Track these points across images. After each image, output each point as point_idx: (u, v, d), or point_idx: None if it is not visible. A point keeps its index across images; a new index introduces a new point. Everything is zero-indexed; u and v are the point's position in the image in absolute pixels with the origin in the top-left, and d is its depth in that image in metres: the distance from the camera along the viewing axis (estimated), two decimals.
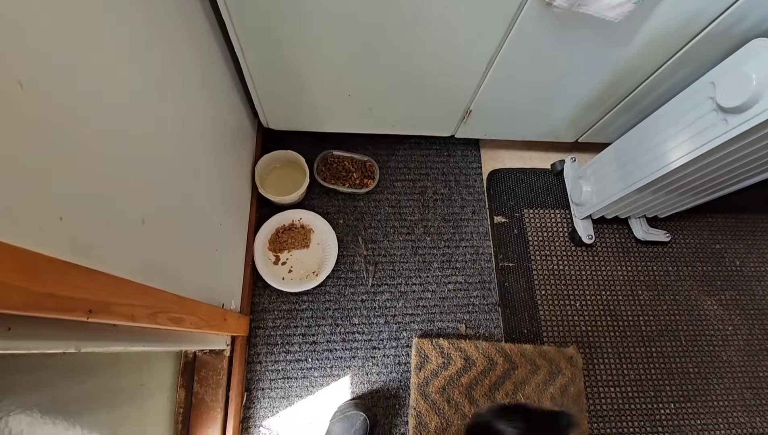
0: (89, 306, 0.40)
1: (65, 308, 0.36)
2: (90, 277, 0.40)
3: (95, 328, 0.46)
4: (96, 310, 0.40)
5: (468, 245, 1.20)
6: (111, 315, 0.43)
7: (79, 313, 0.38)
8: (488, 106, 1.03)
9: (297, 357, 1.04)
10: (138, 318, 0.49)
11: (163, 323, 0.56)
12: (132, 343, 0.54)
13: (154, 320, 0.53)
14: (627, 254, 1.25)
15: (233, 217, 0.98)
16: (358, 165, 1.21)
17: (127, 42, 0.50)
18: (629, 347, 1.16)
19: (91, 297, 0.40)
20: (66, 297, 0.36)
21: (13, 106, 0.32)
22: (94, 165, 0.43)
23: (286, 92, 0.96)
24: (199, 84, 0.76)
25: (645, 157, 0.94)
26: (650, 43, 0.83)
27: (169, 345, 0.66)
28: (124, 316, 0.46)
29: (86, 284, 0.39)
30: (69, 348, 0.41)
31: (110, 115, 0.46)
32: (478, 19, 0.76)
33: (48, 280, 0.34)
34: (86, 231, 0.41)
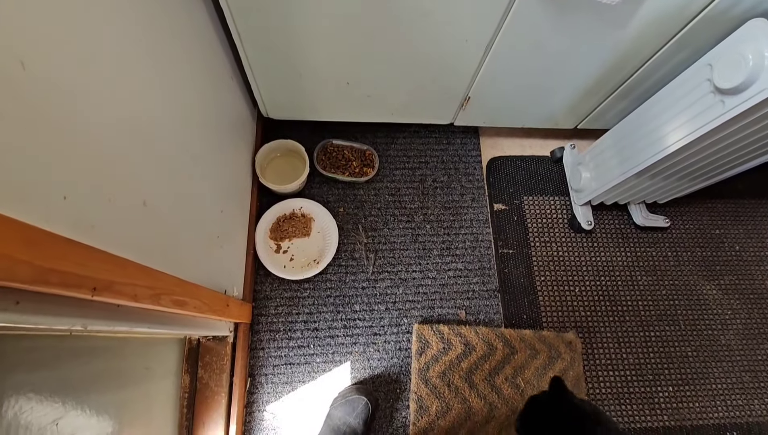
0: (93, 283, 0.41)
1: (70, 284, 0.37)
2: (93, 256, 0.41)
3: (100, 307, 0.47)
4: (100, 288, 0.42)
5: (468, 232, 1.21)
6: (114, 294, 0.44)
7: (83, 290, 0.39)
8: (486, 93, 1.04)
9: (299, 343, 1.06)
10: (141, 298, 0.50)
11: (166, 305, 0.57)
12: (137, 324, 0.55)
13: (157, 302, 0.54)
14: (626, 240, 1.25)
15: (234, 206, 0.99)
16: (358, 154, 1.22)
17: (130, 31, 0.51)
18: (628, 332, 1.17)
19: (94, 275, 0.41)
20: (70, 273, 0.37)
21: (17, 87, 0.33)
22: (97, 147, 0.44)
23: (284, 80, 0.97)
24: (199, 72, 0.76)
25: (643, 142, 0.94)
26: (648, 26, 0.83)
27: (173, 328, 0.67)
28: (128, 296, 0.47)
29: (89, 262, 0.40)
30: (75, 325, 0.42)
31: (114, 99, 0.47)
32: (474, 4, 0.76)
33: (52, 255, 0.35)
34: (89, 211, 0.42)
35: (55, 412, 0.52)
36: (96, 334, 0.58)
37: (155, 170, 0.58)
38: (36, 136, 0.35)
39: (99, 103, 0.44)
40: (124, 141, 0.50)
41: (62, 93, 0.38)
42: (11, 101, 0.32)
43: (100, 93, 0.45)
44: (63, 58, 0.39)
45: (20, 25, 0.33)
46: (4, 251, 0.30)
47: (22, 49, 0.33)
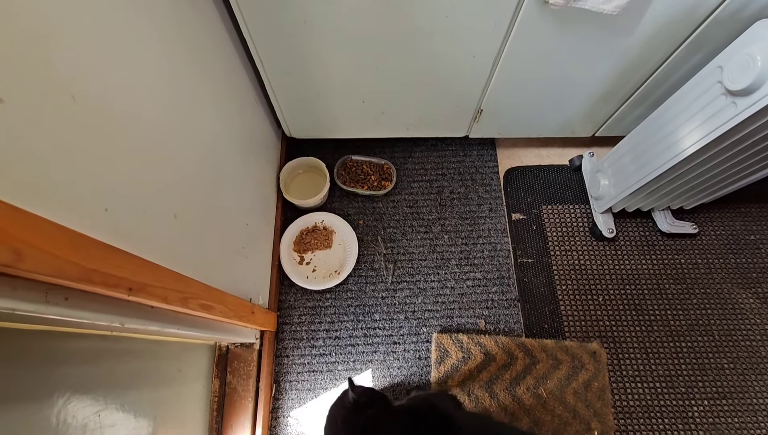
0: (129, 284, 0.46)
1: (109, 284, 0.43)
2: (129, 260, 0.47)
3: (136, 307, 0.53)
4: (135, 289, 0.47)
5: (486, 242, 1.22)
6: (148, 295, 0.50)
7: (121, 290, 0.45)
8: (498, 105, 1.06)
9: (321, 351, 1.09)
10: (171, 301, 0.56)
11: (194, 308, 0.63)
12: (167, 325, 0.61)
13: (186, 304, 0.60)
14: (652, 248, 1.22)
15: (259, 219, 1.05)
16: (376, 168, 1.27)
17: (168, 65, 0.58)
18: (657, 342, 1.13)
19: (130, 277, 0.47)
20: (110, 274, 0.43)
21: (69, 118, 0.40)
22: (135, 165, 0.50)
23: (305, 103, 1.04)
24: (227, 99, 0.84)
25: (659, 147, 0.93)
26: (656, 32, 0.84)
27: (201, 331, 0.73)
28: (159, 298, 0.53)
29: (126, 265, 0.46)
30: (114, 322, 0.48)
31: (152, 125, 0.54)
32: (479, 21, 0.80)
33: (95, 258, 0.41)
34: (126, 221, 0.49)
35: (98, 405, 0.58)
36: (133, 334, 0.65)
37: (186, 187, 0.64)
38: (83, 159, 0.41)
39: (138, 129, 0.51)
40: (159, 160, 0.57)
41: (106, 121, 0.45)
42: (64, 130, 0.39)
43: (139, 120, 0.52)
44: (108, 90, 0.46)
45: (71, 64, 0.40)
46: (57, 253, 0.36)
47: (72, 84, 0.40)
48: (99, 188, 0.44)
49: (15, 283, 0.35)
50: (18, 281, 0.35)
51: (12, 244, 0.32)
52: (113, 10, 0.48)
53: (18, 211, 0.33)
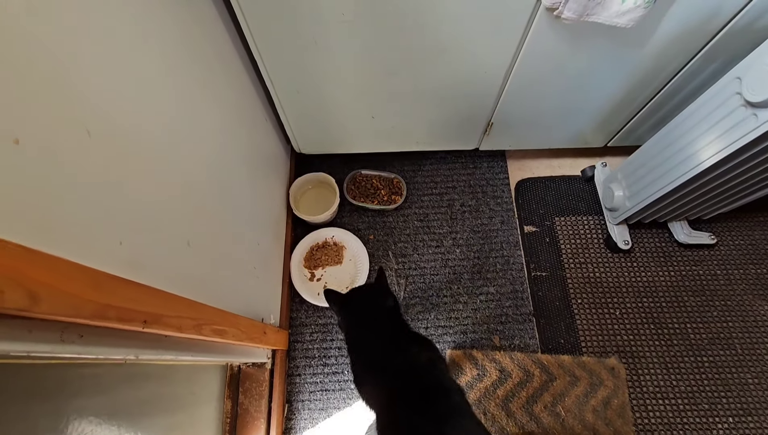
0: (144, 317, 0.46)
1: (124, 319, 0.42)
2: (144, 292, 0.47)
3: (150, 338, 0.52)
4: (150, 321, 0.47)
5: (498, 256, 1.20)
6: (162, 326, 0.49)
7: (135, 323, 0.44)
8: (509, 118, 1.05)
9: (334, 370, 1.08)
10: (185, 329, 0.55)
11: (207, 335, 0.62)
12: (182, 353, 0.60)
13: (199, 331, 0.59)
14: (668, 259, 1.19)
15: (270, 238, 1.05)
16: (386, 182, 1.26)
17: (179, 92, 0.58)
18: (677, 357, 1.10)
19: (145, 309, 0.46)
20: (125, 308, 0.42)
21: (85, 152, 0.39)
22: (149, 197, 0.50)
23: (314, 119, 1.03)
24: (238, 121, 0.84)
25: (676, 158, 0.92)
26: (669, 43, 0.83)
27: (214, 356, 0.72)
28: (173, 327, 0.52)
29: (141, 297, 0.46)
30: (129, 355, 0.48)
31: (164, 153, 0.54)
32: (490, 35, 0.79)
33: (110, 293, 0.40)
34: (140, 252, 0.48)
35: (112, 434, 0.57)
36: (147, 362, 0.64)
37: (198, 212, 0.64)
38: (98, 193, 0.41)
39: (151, 158, 0.51)
40: (172, 188, 0.56)
41: (119, 152, 0.45)
42: (80, 166, 0.39)
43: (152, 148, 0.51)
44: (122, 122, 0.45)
45: (87, 99, 0.40)
46: (74, 292, 0.36)
47: (88, 119, 0.40)
48: (113, 221, 0.43)
49: (31, 325, 0.35)
50: (34, 323, 0.35)
51: (28, 286, 0.31)
52: (126, 43, 0.47)
53: (33, 253, 0.32)
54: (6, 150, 0.31)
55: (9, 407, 0.43)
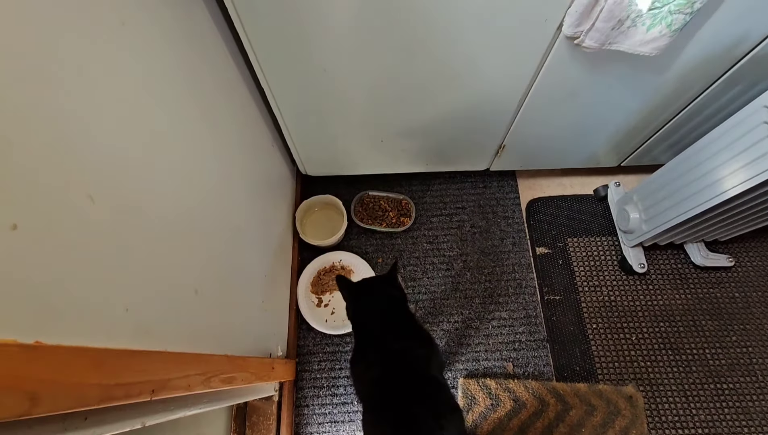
0: (152, 386, 0.43)
1: (132, 394, 0.39)
2: (150, 359, 0.43)
3: (156, 402, 0.49)
4: (158, 389, 0.44)
5: (510, 279, 1.17)
6: (171, 390, 0.46)
7: (143, 395, 0.41)
8: (522, 141, 1.02)
9: (343, 400, 1.05)
10: (194, 386, 0.52)
11: (216, 386, 0.59)
12: (189, 409, 0.57)
13: (208, 385, 0.56)
14: (685, 281, 1.16)
15: (277, 265, 1.02)
16: (394, 204, 1.23)
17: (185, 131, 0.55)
18: (696, 384, 1.07)
19: (152, 378, 0.43)
20: (132, 383, 0.39)
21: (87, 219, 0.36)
22: (153, 252, 0.47)
23: (321, 143, 1.00)
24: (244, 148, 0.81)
25: (697, 185, 0.89)
26: (692, 69, 0.80)
27: (222, 403, 0.69)
28: (182, 389, 0.49)
29: (148, 367, 0.42)
30: (135, 425, 0.44)
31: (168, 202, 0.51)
32: (506, 62, 0.76)
33: (115, 371, 0.37)
34: (147, 314, 0.45)
35: None
36: None
37: (205, 256, 0.61)
38: (101, 263, 0.38)
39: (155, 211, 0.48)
40: (179, 237, 0.53)
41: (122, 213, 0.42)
42: (82, 236, 0.36)
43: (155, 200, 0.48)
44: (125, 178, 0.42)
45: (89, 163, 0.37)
46: (76, 380, 0.33)
47: (90, 184, 0.37)
48: (118, 288, 0.40)
49: (31, 422, 0.32)
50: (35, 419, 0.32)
51: (27, 388, 0.28)
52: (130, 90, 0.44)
53: (32, 349, 0.29)
54: (2, 238, 0.28)
55: None
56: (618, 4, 0.62)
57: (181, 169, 0.55)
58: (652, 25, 0.65)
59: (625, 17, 0.64)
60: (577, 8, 0.64)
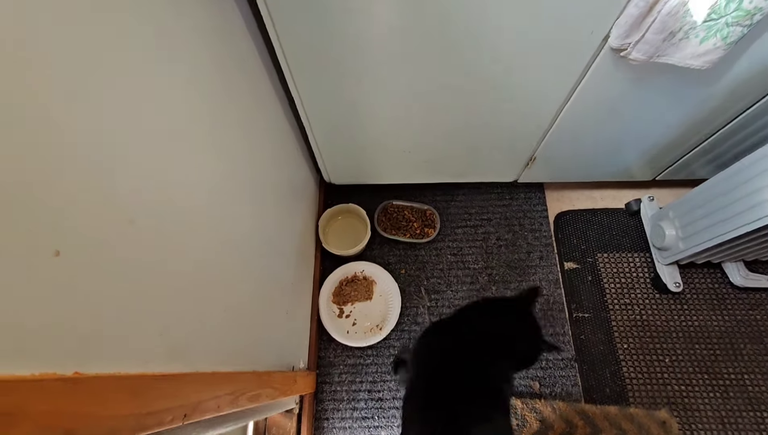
0: (184, 411, 0.41)
1: (164, 421, 0.38)
2: (182, 382, 0.42)
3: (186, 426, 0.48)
4: (190, 413, 0.42)
5: None
6: (202, 412, 0.45)
7: (176, 421, 0.40)
8: (554, 154, 0.99)
9: (363, 414, 1.02)
10: (223, 407, 0.50)
11: (243, 404, 0.57)
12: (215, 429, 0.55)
13: (235, 404, 0.55)
14: (723, 302, 1.11)
15: (300, 274, 1.00)
16: (418, 214, 1.20)
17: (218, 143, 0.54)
18: (735, 411, 1.01)
19: (184, 402, 0.41)
20: (165, 410, 0.38)
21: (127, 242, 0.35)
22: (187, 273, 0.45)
23: (347, 152, 0.99)
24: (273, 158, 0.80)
25: (740, 205, 0.84)
26: (742, 82, 0.76)
27: (245, 420, 0.67)
28: (212, 410, 0.47)
29: (180, 391, 0.41)
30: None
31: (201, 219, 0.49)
32: (546, 74, 0.73)
33: (149, 399, 0.36)
34: (180, 337, 0.43)
35: None
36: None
37: (235, 272, 0.60)
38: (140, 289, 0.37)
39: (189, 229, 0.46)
40: (211, 254, 0.52)
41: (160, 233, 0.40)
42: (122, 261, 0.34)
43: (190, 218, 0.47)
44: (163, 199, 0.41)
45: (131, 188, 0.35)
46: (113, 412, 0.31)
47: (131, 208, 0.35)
48: (153, 314, 0.39)
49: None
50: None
51: (65, 425, 0.27)
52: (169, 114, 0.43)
53: (71, 382, 0.28)
54: (46, 265, 0.27)
55: None
56: (672, 16, 0.58)
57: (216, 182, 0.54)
58: (706, 38, 0.62)
59: (677, 29, 0.61)
60: (626, 19, 0.60)
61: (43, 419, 0.25)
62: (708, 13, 0.58)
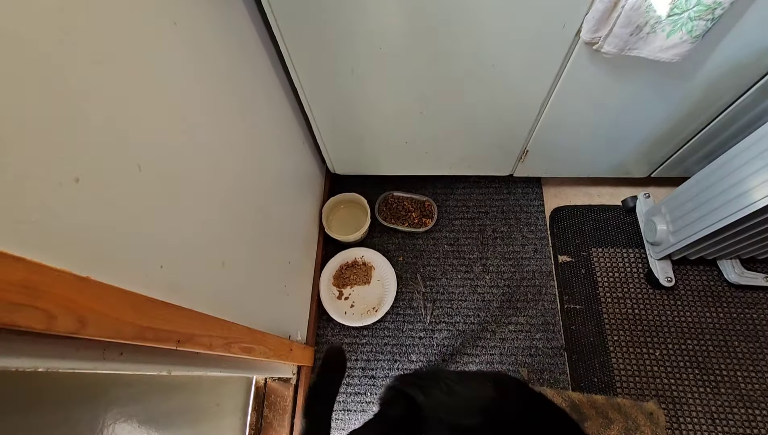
0: (178, 337, 0.49)
1: (161, 339, 0.45)
2: (178, 313, 0.50)
3: (182, 355, 0.55)
4: (183, 341, 0.49)
5: (530, 285, 1.17)
6: (194, 344, 0.52)
7: (170, 343, 0.47)
8: (545, 146, 1.03)
9: (357, 390, 1.08)
10: (215, 347, 0.58)
11: (236, 352, 0.64)
12: (210, 369, 0.63)
13: (228, 350, 0.62)
14: (717, 299, 1.12)
15: (301, 255, 1.08)
16: (417, 205, 1.26)
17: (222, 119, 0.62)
18: (725, 407, 1.01)
19: (179, 329, 0.49)
20: (161, 329, 0.45)
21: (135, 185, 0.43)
22: (189, 220, 0.53)
23: (349, 143, 1.06)
24: (278, 144, 0.88)
25: (727, 195, 0.86)
26: (721, 76, 0.79)
27: (241, 372, 0.75)
28: (204, 346, 0.55)
29: (175, 319, 0.48)
30: (162, 371, 0.51)
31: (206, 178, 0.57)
32: (525, 67, 0.79)
33: (149, 316, 0.43)
34: (178, 275, 0.51)
35: None
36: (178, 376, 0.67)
37: (234, 233, 0.67)
38: (145, 224, 0.44)
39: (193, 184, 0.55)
40: (212, 212, 0.60)
41: (164, 183, 0.48)
42: (130, 198, 0.42)
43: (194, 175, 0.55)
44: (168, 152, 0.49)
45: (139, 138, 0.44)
46: (117, 316, 0.39)
47: (139, 156, 0.43)
48: (156, 247, 0.47)
49: (78, 344, 0.38)
50: (81, 342, 0.38)
51: (78, 312, 0.34)
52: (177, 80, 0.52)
53: (84, 281, 0.36)
54: (68, 188, 0.35)
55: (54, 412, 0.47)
56: (635, 11, 0.63)
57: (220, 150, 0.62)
58: (672, 32, 0.66)
59: (643, 23, 0.65)
60: (594, 14, 0.66)
61: (61, 301, 0.33)
62: (671, 7, 0.63)
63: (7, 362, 0.32)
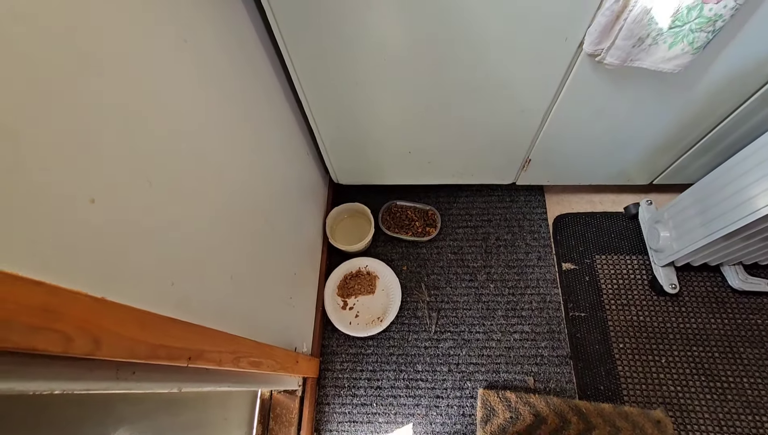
0: (189, 354, 0.48)
1: (173, 356, 0.45)
2: (189, 330, 0.49)
3: (192, 371, 0.55)
4: (194, 357, 0.49)
5: (534, 293, 1.17)
6: (205, 361, 0.52)
7: (182, 360, 0.47)
8: (548, 155, 1.04)
9: (362, 401, 1.08)
10: (224, 362, 0.57)
11: (244, 367, 0.64)
12: (219, 384, 0.62)
13: (237, 364, 0.62)
14: (722, 305, 1.12)
15: (306, 266, 1.08)
16: (421, 214, 1.27)
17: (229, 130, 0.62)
18: (732, 414, 1.01)
19: (190, 346, 0.49)
20: (173, 347, 0.45)
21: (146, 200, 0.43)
22: (199, 236, 0.54)
23: (352, 153, 1.07)
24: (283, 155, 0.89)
25: (729, 202, 0.87)
26: (722, 86, 0.80)
27: (248, 386, 0.74)
28: (214, 362, 0.54)
29: (186, 336, 0.48)
30: (173, 388, 0.50)
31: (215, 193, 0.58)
32: (530, 78, 0.80)
33: (161, 334, 0.43)
34: (189, 291, 0.51)
35: None
36: None
37: (242, 247, 0.67)
38: (156, 240, 0.45)
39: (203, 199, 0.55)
40: (221, 226, 0.60)
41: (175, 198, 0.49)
42: (142, 214, 0.42)
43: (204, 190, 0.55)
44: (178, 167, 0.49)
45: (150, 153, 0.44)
46: (130, 335, 0.39)
47: (149, 170, 0.44)
48: (168, 264, 0.47)
49: (92, 365, 0.38)
50: (95, 362, 0.38)
51: (94, 333, 0.34)
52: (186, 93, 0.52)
53: (99, 302, 0.36)
54: (83, 209, 0.35)
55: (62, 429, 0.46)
56: (637, 23, 0.64)
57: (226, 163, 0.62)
58: (673, 43, 0.67)
59: (645, 35, 0.66)
60: (596, 27, 0.66)
61: (77, 323, 0.33)
62: (672, 20, 0.64)
63: (25, 386, 0.32)
